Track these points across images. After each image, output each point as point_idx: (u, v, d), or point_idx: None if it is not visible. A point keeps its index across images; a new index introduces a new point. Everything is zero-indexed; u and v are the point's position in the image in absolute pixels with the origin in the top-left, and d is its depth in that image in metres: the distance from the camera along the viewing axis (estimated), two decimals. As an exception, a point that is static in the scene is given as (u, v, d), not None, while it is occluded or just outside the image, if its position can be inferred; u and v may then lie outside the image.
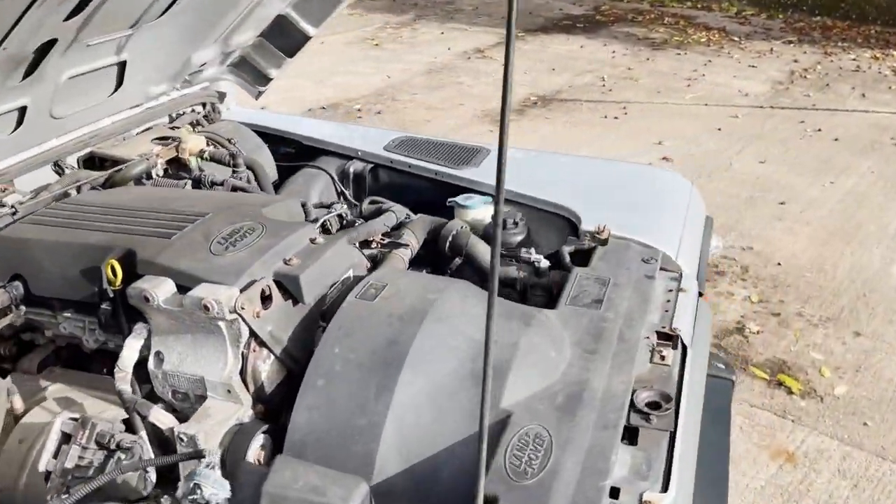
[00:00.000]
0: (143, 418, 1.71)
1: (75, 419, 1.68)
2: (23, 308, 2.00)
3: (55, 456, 1.63)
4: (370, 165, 3.01)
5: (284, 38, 2.98)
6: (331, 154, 3.10)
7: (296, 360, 1.88)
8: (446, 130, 8.27)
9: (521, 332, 1.85)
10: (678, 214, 2.62)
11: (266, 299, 1.82)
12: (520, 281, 2.37)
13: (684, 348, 2.03)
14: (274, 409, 1.87)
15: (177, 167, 2.69)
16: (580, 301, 2.07)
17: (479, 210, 2.68)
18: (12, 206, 2.19)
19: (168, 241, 1.90)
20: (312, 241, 2.00)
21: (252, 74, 3.17)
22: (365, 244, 2.34)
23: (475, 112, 8.90)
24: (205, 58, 2.76)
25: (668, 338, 2.04)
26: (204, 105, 3.17)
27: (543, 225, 2.65)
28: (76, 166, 2.64)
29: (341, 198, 3.04)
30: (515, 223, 2.53)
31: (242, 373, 1.81)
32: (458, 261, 2.46)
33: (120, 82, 2.51)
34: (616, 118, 8.63)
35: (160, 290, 1.77)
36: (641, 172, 2.88)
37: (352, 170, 3.01)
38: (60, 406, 1.94)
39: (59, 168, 2.56)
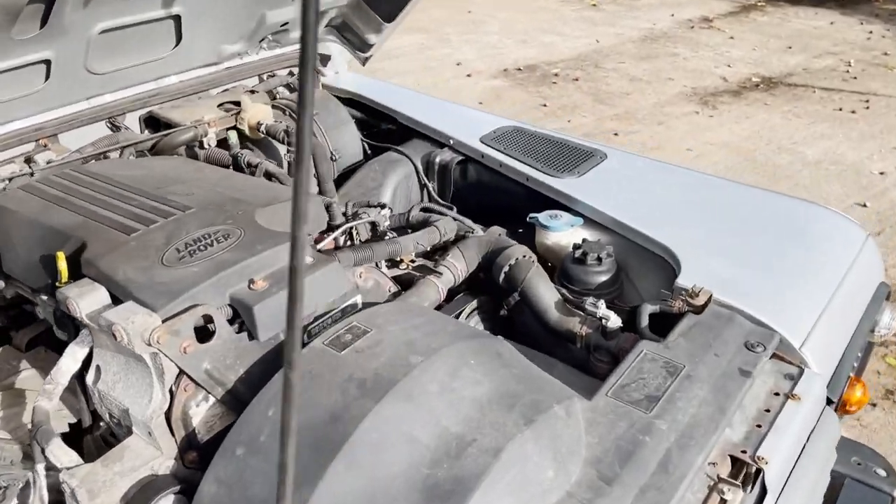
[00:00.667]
0: (42, 450, 1.45)
1: (-28, 436, 1.46)
2: (1, 283, 1.82)
3: (-57, 474, 1.42)
4: (459, 157, 2.55)
5: (382, 1, 2.58)
6: (424, 138, 2.68)
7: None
8: (644, 107, 7.47)
9: (515, 432, 1.34)
10: (828, 280, 1.90)
11: (207, 331, 1.48)
12: (581, 338, 1.83)
13: (763, 492, 1.41)
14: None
15: (239, 137, 2.42)
16: (628, 394, 1.51)
17: (563, 234, 2.14)
18: (31, 167, 2.02)
19: (125, 239, 1.61)
20: (297, 259, 1.61)
21: (355, 39, 2.80)
22: (395, 264, 1.92)
23: (683, 89, 7.96)
24: (284, 16, 2.44)
25: (744, 470, 1.43)
26: (300, 68, 2.86)
27: (642, 264, 2.06)
28: (139, 127, 2.45)
29: (424, 191, 2.62)
30: (599, 259, 1.97)
31: (169, 413, 1.49)
32: (517, 296, 1.97)
33: (179, 38, 2.25)
34: (853, 112, 7.29)
35: (86, 300, 1.48)
36: (794, 210, 2.15)
37: (438, 159, 2.57)
38: (13, 399, 1.75)
39: (114, 127, 2.38)
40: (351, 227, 1.92)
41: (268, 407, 1.40)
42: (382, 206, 2.04)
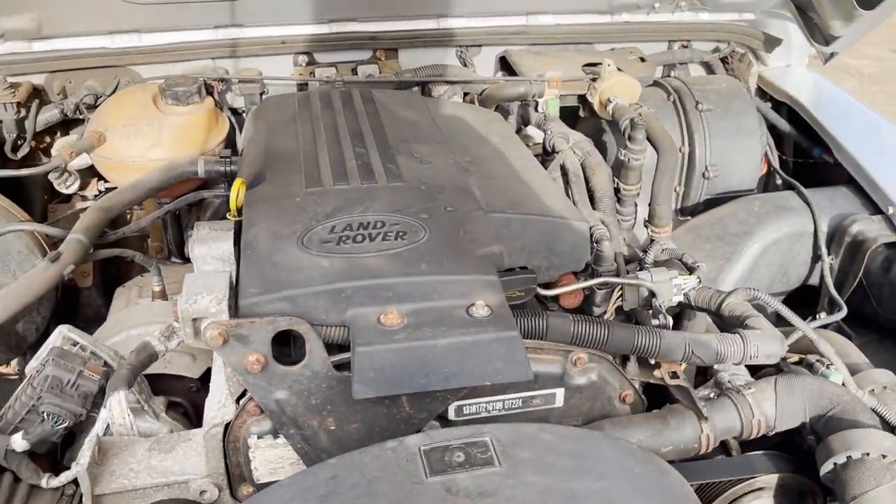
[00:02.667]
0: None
1: (74, 342, 1.27)
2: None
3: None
4: (891, 237, 1.61)
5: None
6: (859, 191, 1.78)
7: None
8: None
9: None
10: None
11: (292, 352, 1.05)
12: None
13: None
14: None
15: (588, 109, 1.86)
16: None
17: None
18: (339, 77, 1.79)
19: (297, 191, 1.24)
20: (469, 308, 1.05)
21: (818, 24, 1.96)
22: (651, 367, 1.22)
23: None
24: (706, -32, 1.74)
25: None
26: (728, 44, 2.13)
27: None
28: (494, 67, 2.06)
29: (814, 266, 1.74)
30: None
31: (228, 431, 1.11)
32: (840, 509, 1.11)
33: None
34: None
35: (204, 246, 1.16)
36: None
37: (854, 229, 1.66)
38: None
39: (462, 58, 2.01)
40: (614, 286, 1.25)
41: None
42: (691, 270, 1.31)
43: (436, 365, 1.03)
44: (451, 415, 1.15)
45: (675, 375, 1.18)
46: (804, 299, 1.82)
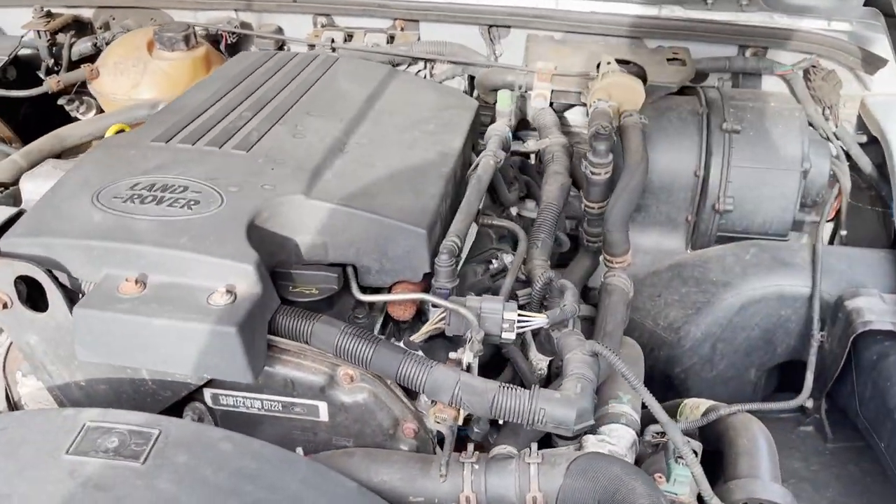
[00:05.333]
0: None
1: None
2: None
3: None
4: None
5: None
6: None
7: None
8: None
9: None
10: None
11: (40, 297, 1.04)
12: None
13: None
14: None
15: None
16: None
17: None
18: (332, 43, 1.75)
19: (143, 144, 1.21)
20: (212, 294, 0.97)
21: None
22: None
23: None
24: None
25: None
26: (811, 56, 1.75)
27: None
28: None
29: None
30: None
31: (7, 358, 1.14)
32: None
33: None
34: None
35: (31, 182, 1.19)
36: None
37: (849, 304, 1.29)
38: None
39: (492, 37, 1.86)
40: (440, 311, 1.07)
41: None
42: (567, 316, 1.09)
43: (151, 344, 0.96)
44: (209, 401, 1.08)
45: (443, 420, 1.00)
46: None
